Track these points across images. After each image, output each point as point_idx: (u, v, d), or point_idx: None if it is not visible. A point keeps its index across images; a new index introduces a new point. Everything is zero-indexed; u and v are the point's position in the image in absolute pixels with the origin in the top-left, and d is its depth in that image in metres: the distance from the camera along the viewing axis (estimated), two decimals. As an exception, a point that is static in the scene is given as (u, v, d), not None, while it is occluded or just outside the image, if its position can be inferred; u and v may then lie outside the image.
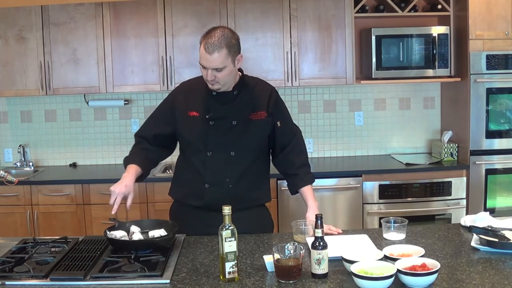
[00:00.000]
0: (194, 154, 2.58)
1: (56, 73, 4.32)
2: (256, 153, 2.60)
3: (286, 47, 4.32)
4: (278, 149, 2.66)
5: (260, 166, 2.64)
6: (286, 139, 2.65)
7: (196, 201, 2.57)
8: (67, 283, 2.01)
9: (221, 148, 2.53)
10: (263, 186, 2.69)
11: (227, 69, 2.41)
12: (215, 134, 2.53)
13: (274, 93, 2.65)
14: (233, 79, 2.52)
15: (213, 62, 2.37)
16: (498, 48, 4.13)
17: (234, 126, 2.53)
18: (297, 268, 1.96)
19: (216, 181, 2.54)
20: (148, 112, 4.67)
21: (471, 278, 1.93)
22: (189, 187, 2.60)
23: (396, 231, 2.39)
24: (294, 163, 2.65)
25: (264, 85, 2.67)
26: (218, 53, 2.35)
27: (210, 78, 2.42)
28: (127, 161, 2.61)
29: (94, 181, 4.16)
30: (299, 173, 2.65)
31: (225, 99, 2.54)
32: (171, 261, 2.19)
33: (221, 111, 2.54)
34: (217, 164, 2.53)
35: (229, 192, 2.53)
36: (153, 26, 4.28)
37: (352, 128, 4.78)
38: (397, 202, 4.16)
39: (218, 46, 2.35)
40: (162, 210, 3.97)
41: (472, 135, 4.19)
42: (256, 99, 2.58)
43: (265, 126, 2.58)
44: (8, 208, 4.15)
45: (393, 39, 4.25)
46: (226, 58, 2.38)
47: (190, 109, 2.56)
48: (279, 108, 2.64)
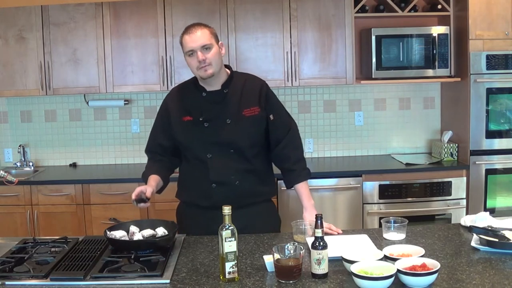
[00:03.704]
0: (195, 157, 2.59)
1: (56, 73, 4.32)
2: (256, 149, 2.60)
3: (286, 47, 4.32)
4: (274, 143, 2.65)
5: (263, 160, 2.65)
6: (280, 132, 2.64)
7: (204, 202, 2.57)
8: (67, 283, 2.01)
9: (220, 148, 2.53)
10: (268, 180, 2.69)
11: (214, 48, 2.47)
12: (212, 135, 2.53)
13: (265, 87, 2.64)
14: (221, 70, 2.54)
15: (200, 40, 2.44)
16: (498, 48, 4.13)
17: (228, 125, 2.53)
18: (297, 268, 1.96)
19: (222, 180, 2.54)
20: (148, 112, 4.70)
21: (471, 278, 1.93)
22: (196, 188, 2.61)
23: (396, 231, 2.39)
24: (290, 158, 2.65)
25: (254, 80, 2.67)
26: (201, 31, 2.46)
27: (201, 58, 2.44)
28: (144, 175, 2.64)
29: (94, 181, 4.16)
30: (296, 168, 2.65)
31: (216, 98, 2.55)
32: (171, 261, 2.19)
33: (214, 111, 2.54)
34: (220, 164, 2.53)
35: (237, 189, 2.54)
36: (153, 26, 4.29)
37: (352, 128, 4.78)
38: (397, 202, 4.16)
39: (199, 27, 2.47)
40: (162, 210, 3.98)
41: (472, 135, 4.19)
42: (247, 95, 2.58)
43: (260, 121, 2.58)
44: (8, 208, 4.15)
45: (393, 39, 4.25)
46: (211, 37, 2.47)
47: (183, 115, 2.57)
48: (270, 102, 2.63)
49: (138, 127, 4.73)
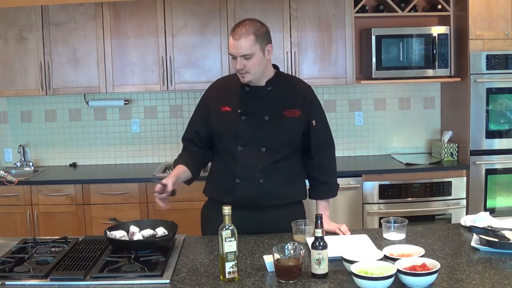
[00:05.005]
0: (225, 148, 2.57)
1: (56, 73, 4.32)
2: (288, 150, 2.57)
3: (286, 47, 4.32)
4: (314, 148, 2.62)
5: (293, 163, 2.61)
6: (323, 139, 2.64)
7: (227, 197, 2.51)
8: (67, 283, 2.01)
9: (252, 143, 2.51)
10: (296, 183, 2.64)
11: (255, 57, 2.42)
12: (247, 129, 2.51)
13: (310, 92, 2.63)
14: (264, 71, 2.51)
15: (241, 49, 2.39)
16: (498, 48, 4.13)
17: (266, 122, 2.51)
18: (297, 268, 1.96)
19: (247, 175, 2.51)
20: (148, 112, 4.70)
21: (471, 278, 1.93)
22: (221, 183, 2.59)
23: (396, 231, 2.39)
24: (329, 171, 2.68)
25: (300, 83, 2.66)
26: (245, 39, 2.38)
27: (239, 67, 2.42)
28: (174, 163, 2.63)
29: (94, 181, 4.16)
30: (331, 183, 2.68)
31: (258, 94, 2.53)
32: (171, 261, 2.19)
33: (254, 106, 2.53)
34: (248, 159, 2.51)
35: (261, 188, 2.51)
36: (153, 26, 4.28)
37: (352, 128, 4.78)
38: (397, 202, 4.16)
39: (245, 33, 2.39)
40: (162, 210, 3.97)
41: (472, 135, 4.19)
42: (290, 96, 2.56)
43: (299, 124, 2.56)
44: (8, 208, 4.15)
45: (393, 39, 4.25)
46: (254, 45, 2.40)
47: (223, 105, 2.56)
48: (314, 107, 2.62)
49: (138, 127, 4.72)
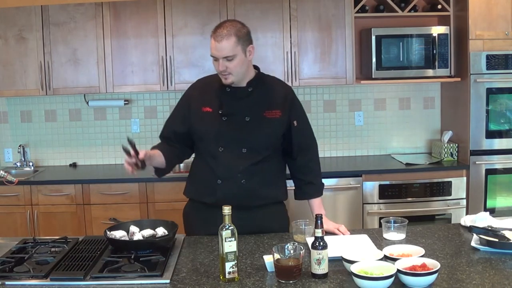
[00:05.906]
0: (206, 149, 2.57)
1: (56, 73, 4.32)
2: (269, 151, 2.58)
3: (286, 47, 4.32)
4: (296, 149, 2.63)
5: (274, 164, 2.62)
6: (304, 140, 2.65)
7: (209, 198, 2.54)
8: (67, 283, 2.01)
9: (233, 144, 2.52)
10: (278, 184, 2.65)
11: (237, 58, 2.43)
12: (228, 130, 2.52)
13: (291, 93, 2.64)
14: (246, 72, 2.52)
15: (223, 51, 2.39)
16: (498, 48, 4.13)
17: (247, 123, 2.52)
18: (297, 268, 1.96)
19: (228, 176, 2.51)
20: (148, 112, 4.70)
21: (471, 278, 1.93)
22: (202, 183, 2.59)
23: (396, 231, 2.39)
24: (313, 171, 2.68)
25: (280, 84, 2.67)
26: (227, 41, 2.38)
27: (221, 69, 2.43)
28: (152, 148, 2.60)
29: (94, 181, 4.16)
30: (316, 182, 2.68)
31: (239, 95, 2.54)
32: (171, 261, 2.19)
33: (235, 107, 2.53)
34: (229, 159, 2.51)
35: (242, 188, 2.51)
36: (153, 26, 4.28)
37: (352, 128, 4.78)
38: (397, 202, 4.16)
39: (226, 34, 2.39)
40: (162, 210, 3.99)
41: (472, 135, 4.19)
42: (271, 97, 2.57)
43: (279, 125, 2.56)
44: (8, 208, 4.15)
45: (393, 39, 4.25)
46: (236, 47, 2.40)
47: (203, 105, 2.57)
48: (295, 108, 2.63)
49: (138, 127, 4.72)
